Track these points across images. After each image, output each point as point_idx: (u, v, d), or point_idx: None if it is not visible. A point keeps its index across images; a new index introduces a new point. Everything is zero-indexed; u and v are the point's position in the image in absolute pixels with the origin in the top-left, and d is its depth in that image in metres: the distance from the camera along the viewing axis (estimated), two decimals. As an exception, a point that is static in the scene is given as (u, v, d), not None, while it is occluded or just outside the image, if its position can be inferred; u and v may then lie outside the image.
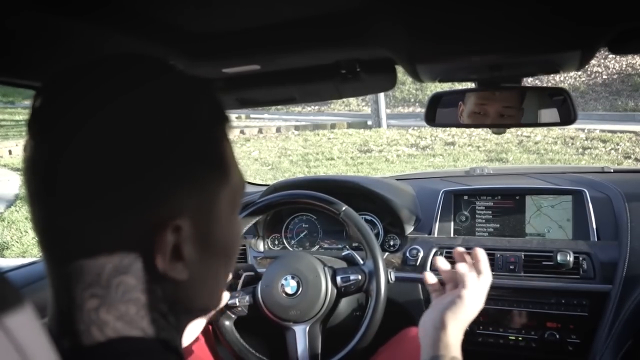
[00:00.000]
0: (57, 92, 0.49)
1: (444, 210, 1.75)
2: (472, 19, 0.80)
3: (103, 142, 0.46)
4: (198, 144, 0.51)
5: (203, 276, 0.55)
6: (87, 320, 0.49)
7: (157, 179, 0.48)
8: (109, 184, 0.47)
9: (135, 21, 0.78)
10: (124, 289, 0.49)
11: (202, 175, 0.51)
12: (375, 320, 1.37)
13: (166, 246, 0.49)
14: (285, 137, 10.81)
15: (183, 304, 0.54)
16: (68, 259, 0.49)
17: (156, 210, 0.48)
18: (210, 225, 0.54)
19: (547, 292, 1.49)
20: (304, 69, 1.12)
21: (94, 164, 0.46)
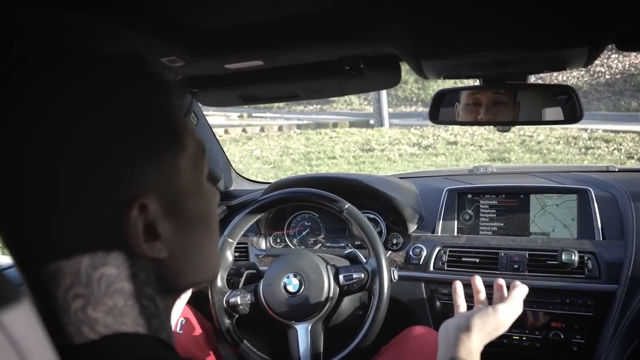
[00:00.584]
0: (8, 88, 0.47)
1: (447, 209, 1.74)
2: (479, 14, 0.79)
3: (54, 138, 0.45)
4: (142, 119, 0.50)
5: (185, 250, 0.54)
6: (76, 322, 0.48)
7: (114, 164, 0.47)
8: (65, 180, 0.46)
9: (138, 15, 0.78)
10: (106, 282, 0.48)
11: (155, 148, 0.50)
12: (378, 319, 1.36)
13: (136, 227, 0.48)
14: (287, 136, 10.81)
15: (169, 282, 0.53)
16: (43, 264, 0.47)
17: (116, 194, 0.47)
18: (178, 196, 0.52)
19: (552, 291, 1.48)
20: (307, 65, 1.11)
21: (49, 163, 0.45)
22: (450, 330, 0.96)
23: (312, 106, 14.35)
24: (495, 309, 0.97)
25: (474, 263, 1.59)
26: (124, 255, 0.49)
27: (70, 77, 0.47)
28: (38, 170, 0.45)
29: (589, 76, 11.30)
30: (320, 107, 14.34)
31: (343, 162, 8.39)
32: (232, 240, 1.53)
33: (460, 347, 0.92)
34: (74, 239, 0.47)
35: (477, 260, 1.59)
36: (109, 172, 0.47)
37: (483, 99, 1.21)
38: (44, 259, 0.47)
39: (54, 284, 0.48)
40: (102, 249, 0.48)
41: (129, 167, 0.48)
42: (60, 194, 0.46)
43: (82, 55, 0.50)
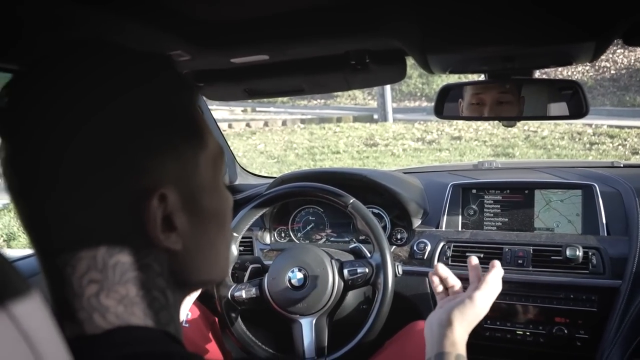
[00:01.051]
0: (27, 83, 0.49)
1: (452, 204, 1.74)
2: (485, 8, 0.79)
3: (77, 128, 0.46)
4: (166, 113, 0.51)
5: (198, 246, 0.55)
6: (88, 308, 0.49)
7: (133, 153, 0.48)
8: (89, 167, 0.47)
9: (144, 8, 0.78)
10: (121, 270, 0.49)
11: (177, 142, 0.52)
12: (382, 314, 1.36)
13: (155, 216, 0.49)
14: (291, 131, 10.81)
15: (180, 276, 0.54)
16: (61, 249, 0.48)
17: (138, 182, 0.49)
18: (196, 192, 0.54)
19: (556, 287, 1.48)
20: (313, 59, 1.11)
21: (72, 151, 0.46)
22: (433, 326, 0.98)
23: (316, 101, 14.34)
24: (472, 298, 0.98)
25: (478, 258, 1.58)
26: (140, 244, 0.50)
27: (90, 66, 0.49)
28: (61, 156, 0.46)
29: (594, 71, 11.26)
30: (324, 101, 14.32)
31: (347, 156, 8.39)
32: (237, 234, 1.54)
33: (444, 342, 0.93)
34: (93, 224, 0.48)
35: (482, 255, 1.59)
36: (130, 161, 0.48)
37: (487, 98, 1.21)
38: (62, 243, 0.48)
39: (69, 268, 0.49)
40: (120, 236, 0.49)
41: (149, 157, 0.49)
42: (82, 180, 0.47)
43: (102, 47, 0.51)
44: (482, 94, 1.22)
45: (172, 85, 0.53)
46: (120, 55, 0.51)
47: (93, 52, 0.50)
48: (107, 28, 0.80)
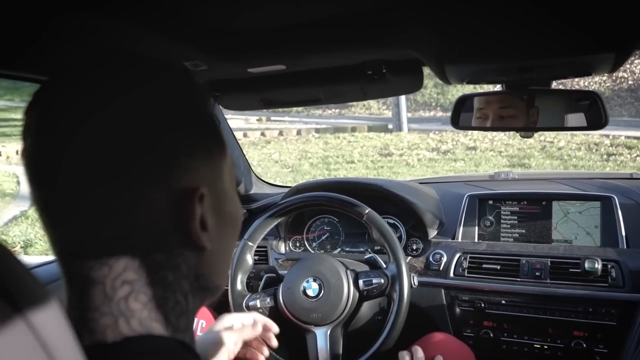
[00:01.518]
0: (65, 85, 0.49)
1: (468, 215, 1.72)
2: (504, 19, 0.79)
3: (118, 125, 0.47)
4: (200, 119, 0.53)
5: (220, 248, 0.57)
6: (115, 312, 0.49)
7: (177, 152, 0.50)
8: (138, 165, 0.48)
9: (162, 18, 0.78)
10: (154, 269, 0.50)
11: (209, 146, 0.54)
12: (397, 325, 1.35)
13: (197, 214, 0.51)
14: (306, 140, 10.82)
15: (203, 279, 0.55)
16: (97, 249, 0.49)
17: (182, 181, 0.50)
18: (221, 195, 0.56)
19: (574, 300, 1.46)
20: (329, 69, 1.11)
21: (113, 146, 0.47)
22: None
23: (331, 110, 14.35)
24: None
25: (495, 270, 1.57)
26: (176, 242, 0.51)
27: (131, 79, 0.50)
28: (110, 151, 0.47)
29: (611, 82, 11.15)
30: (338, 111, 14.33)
31: (361, 166, 8.38)
32: (252, 243, 1.54)
33: None
34: (138, 221, 0.49)
35: (498, 267, 1.57)
36: (175, 159, 0.50)
37: (489, 113, 1.21)
38: (100, 243, 0.49)
39: (106, 268, 0.49)
40: (161, 233, 0.50)
41: (191, 157, 0.51)
42: (131, 178, 0.48)
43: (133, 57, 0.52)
44: (485, 109, 1.22)
45: (199, 94, 0.55)
46: (151, 65, 0.53)
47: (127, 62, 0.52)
48: (125, 38, 0.81)
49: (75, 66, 0.50)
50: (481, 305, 1.56)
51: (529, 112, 1.18)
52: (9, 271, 0.37)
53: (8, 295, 0.35)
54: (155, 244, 0.50)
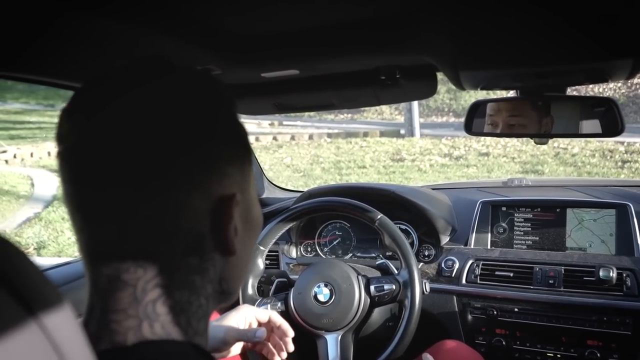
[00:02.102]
0: (107, 88, 0.50)
1: (481, 221, 1.71)
2: (520, 24, 0.78)
3: (160, 129, 0.48)
4: (232, 126, 0.54)
5: (244, 253, 0.58)
6: (141, 315, 0.49)
7: (217, 154, 0.51)
8: (173, 163, 0.48)
9: (177, 23, 0.79)
10: (186, 272, 0.51)
11: (239, 152, 0.54)
12: (408, 332, 1.34)
13: (233, 220, 0.52)
14: (318, 145, 10.83)
15: (225, 283, 0.56)
16: (135, 251, 0.49)
17: (221, 186, 0.51)
18: (249, 201, 0.57)
19: (588, 308, 1.44)
20: (343, 74, 1.11)
21: (156, 149, 0.48)
22: None
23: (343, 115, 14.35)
24: None
25: (508, 277, 1.56)
26: (210, 246, 0.52)
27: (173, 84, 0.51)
28: (152, 154, 0.47)
29: (627, 88, 11.06)
30: (351, 116, 14.33)
31: (373, 171, 8.37)
32: (264, 248, 1.54)
33: None
34: (179, 225, 0.49)
35: (511, 274, 1.56)
36: (214, 167, 0.51)
37: (499, 120, 1.21)
38: (139, 244, 0.49)
39: (140, 271, 0.49)
40: (198, 237, 0.51)
41: (229, 163, 0.52)
42: (174, 182, 0.48)
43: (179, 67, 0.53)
44: (494, 116, 1.21)
45: (231, 101, 0.56)
46: (191, 72, 0.53)
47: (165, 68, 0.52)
48: (139, 42, 0.82)
49: (115, 70, 0.51)
50: (493, 312, 1.55)
51: (542, 121, 1.17)
52: (22, 273, 0.37)
53: (21, 297, 0.35)
54: (191, 247, 0.50)
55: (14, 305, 0.35)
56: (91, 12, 0.68)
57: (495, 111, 1.22)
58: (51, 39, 0.76)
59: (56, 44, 0.79)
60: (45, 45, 0.79)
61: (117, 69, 0.51)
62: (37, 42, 0.76)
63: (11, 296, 0.35)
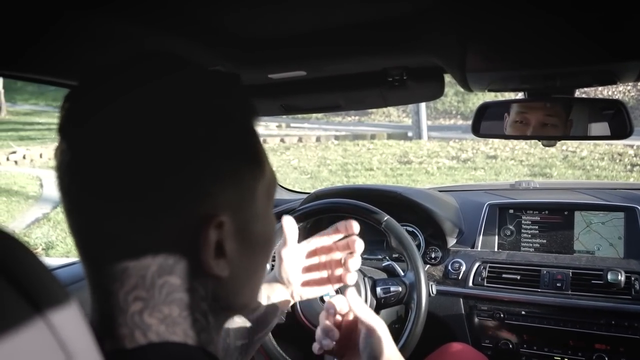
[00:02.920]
0: (91, 92, 0.49)
1: (488, 224, 1.70)
2: (527, 26, 0.78)
3: (142, 140, 0.46)
4: (234, 138, 0.51)
5: (244, 272, 0.55)
6: (130, 324, 0.48)
7: (198, 174, 0.48)
8: (151, 182, 0.46)
9: (184, 25, 0.79)
10: (167, 290, 0.49)
11: (240, 169, 0.51)
12: (415, 334, 1.34)
13: (210, 243, 0.49)
14: (325, 147, 10.84)
15: (223, 301, 0.54)
16: (111, 262, 0.48)
17: (199, 206, 0.48)
18: (250, 220, 0.53)
19: (596, 312, 1.43)
20: (350, 76, 1.11)
21: (134, 163, 0.46)
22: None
23: (350, 117, 14.36)
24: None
25: (515, 280, 1.55)
26: (191, 267, 0.49)
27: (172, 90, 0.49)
28: (125, 173, 0.46)
29: (636, 91, 11.00)
30: (358, 118, 14.33)
31: (380, 173, 8.36)
32: (270, 249, 1.53)
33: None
34: (149, 243, 0.48)
35: (518, 277, 1.55)
36: (195, 183, 0.48)
37: (532, 119, 1.19)
38: (113, 258, 0.48)
39: (117, 283, 0.48)
40: (173, 257, 0.49)
41: (214, 182, 0.49)
42: (147, 197, 0.46)
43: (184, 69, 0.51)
44: (527, 114, 1.19)
45: (241, 108, 0.53)
46: (193, 71, 0.51)
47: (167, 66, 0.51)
48: (144, 42, 0.82)
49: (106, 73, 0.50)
50: (500, 315, 1.54)
51: (567, 122, 1.16)
52: (30, 271, 0.37)
53: (29, 296, 0.35)
54: (167, 267, 0.49)
55: (22, 302, 0.35)
56: (97, 12, 0.68)
57: (529, 109, 1.20)
58: (58, 38, 0.77)
59: (63, 44, 0.80)
60: (53, 45, 0.79)
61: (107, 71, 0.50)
62: (45, 41, 0.76)
63: (19, 294, 0.35)
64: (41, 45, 0.78)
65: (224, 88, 0.52)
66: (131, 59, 0.51)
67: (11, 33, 0.70)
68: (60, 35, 0.75)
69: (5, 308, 0.34)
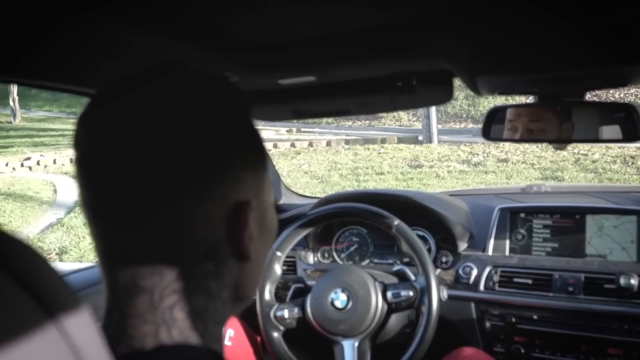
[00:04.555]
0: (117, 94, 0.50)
1: (499, 228, 1.70)
2: (536, 29, 0.78)
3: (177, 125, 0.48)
4: (246, 129, 0.54)
5: (260, 259, 0.58)
6: (158, 321, 0.49)
7: (228, 161, 0.51)
8: (188, 171, 0.48)
9: (194, 31, 0.80)
10: (202, 278, 0.51)
11: (255, 159, 0.55)
12: (426, 339, 1.34)
13: (249, 226, 0.52)
14: (336, 151, 10.83)
15: (241, 290, 0.56)
16: (151, 258, 0.49)
17: (237, 193, 0.51)
18: (264, 207, 0.57)
19: (609, 316, 1.42)
20: (359, 80, 1.11)
21: (171, 148, 0.48)
22: None
23: (361, 122, 14.35)
24: None
25: (527, 284, 1.55)
26: (226, 252, 0.52)
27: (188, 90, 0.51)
28: (169, 160, 0.48)
29: (649, 93, 10.89)
30: (368, 122, 14.32)
31: (391, 178, 8.34)
32: (281, 253, 1.54)
33: None
34: (194, 232, 0.49)
35: (530, 281, 1.54)
36: (229, 172, 0.51)
37: (519, 125, 1.20)
38: (155, 252, 0.49)
39: (157, 277, 0.49)
40: (213, 244, 0.51)
41: (241, 169, 0.52)
42: (190, 189, 0.48)
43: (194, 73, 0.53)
44: (515, 121, 1.20)
45: (244, 102, 0.56)
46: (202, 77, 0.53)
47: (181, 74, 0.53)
48: (156, 49, 0.83)
49: (130, 76, 0.51)
50: (512, 320, 1.53)
51: (563, 126, 1.16)
52: (42, 278, 0.37)
53: (41, 301, 0.36)
54: (208, 253, 0.50)
55: (34, 308, 0.35)
56: (110, 19, 0.69)
57: (515, 116, 1.21)
58: (69, 45, 0.78)
59: (74, 51, 0.81)
60: (64, 52, 0.80)
61: (132, 75, 0.52)
62: (55, 49, 0.77)
63: (31, 299, 0.35)
64: (53, 53, 0.79)
65: (230, 90, 0.55)
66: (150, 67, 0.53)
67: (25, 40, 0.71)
68: (72, 42, 0.76)
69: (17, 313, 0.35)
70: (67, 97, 11.91)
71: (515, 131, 1.21)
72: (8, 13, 0.62)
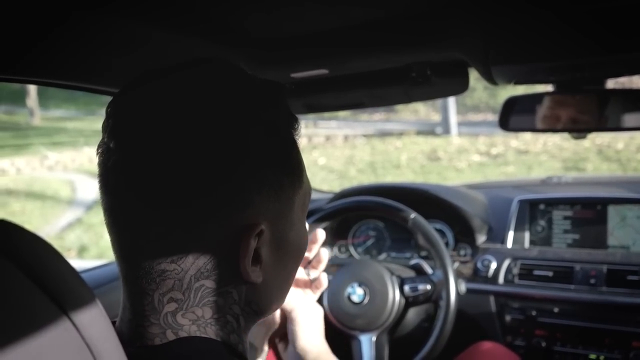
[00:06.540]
0: (136, 97, 0.50)
1: (519, 220, 1.67)
2: (552, 15, 0.76)
3: (192, 145, 0.47)
4: (279, 149, 0.52)
5: (276, 279, 0.56)
6: (163, 324, 0.50)
7: (244, 184, 0.49)
8: (199, 189, 0.47)
9: (206, 26, 0.79)
10: (202, 293, 0.50)
11: (282, 179, 0.52)
12: (444, 332, 1.32)
13: (250, 250, 0.50)
14: (353, 145, 10.81)
15: (255, 305, 0.55)
16: (149, 264, 0.49)
17: (243, 215, 0.49)
18: (286, 229, 0.55)
19: (633, 308, 1.39)
20: (373, 72, 1.10)
21: (184, 169, 0.47)
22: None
23: (378, 115, 14.29)
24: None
25: (547, 277, 1.52)
26: (227, 273, 0.51)
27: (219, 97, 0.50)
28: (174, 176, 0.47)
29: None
30: (385, 116, 14.26)
31: (408, 171, 8.30)
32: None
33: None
34: (190, 248, 0.49)
35: (551, 273, 1.52)
36: (239, 192, 0.49)
37: (563, 115, 1.16)
38: (152, 260, 0.49)
39: (154, 284, 0.49)
40: (212, 262, 0.50)
41: (257, 191, 0.50)
42: (193, 203, 0.48)
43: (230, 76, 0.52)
44: (558, 109, 1.17)
45: (286, 118, 0.54)
46: (243, 79, 0.52)
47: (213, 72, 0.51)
48: (169, 46, 0.82)
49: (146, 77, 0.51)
50: (532, 313, 1.51)
51: (602, 115, 1.13)
52: (58, 274, 0.38)
53: (57, 297, 0.37)
54: (204, 272, 0.50)
55: (49, 304, 0.36)
56: (118, 15, 0.69)
57: (559, 104, 1.17)
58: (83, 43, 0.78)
59: (89, 49, 0.81)
60: (78, 50, 0.80)
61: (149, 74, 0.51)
62: (70, 47, 0.77)
63: (46, 295, 0.36)
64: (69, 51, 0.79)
65: (272, 98, 0.53)
66: (182, 64, 0.52)
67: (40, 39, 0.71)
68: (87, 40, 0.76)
69: (33, 309, 0.36)
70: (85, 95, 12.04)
71: (557, 120, 1.17)
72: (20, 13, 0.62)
